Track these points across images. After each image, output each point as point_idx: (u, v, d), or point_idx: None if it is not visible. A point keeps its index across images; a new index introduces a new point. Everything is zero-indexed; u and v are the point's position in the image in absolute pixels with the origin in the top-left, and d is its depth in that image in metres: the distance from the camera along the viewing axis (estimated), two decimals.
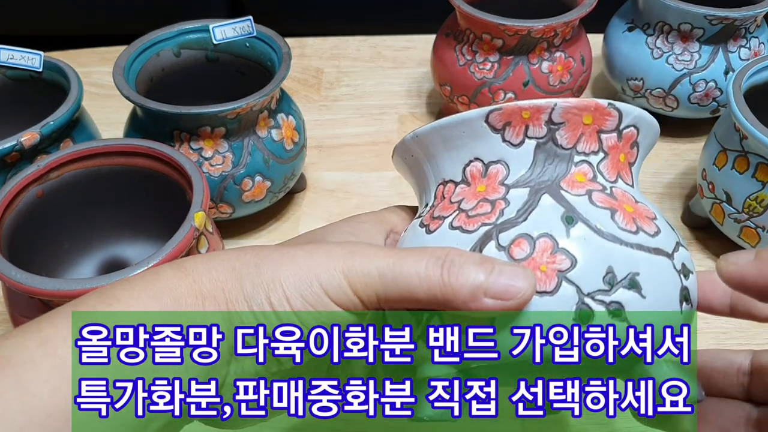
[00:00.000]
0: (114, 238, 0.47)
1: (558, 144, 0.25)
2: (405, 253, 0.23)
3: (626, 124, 0.26)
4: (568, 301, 0.22)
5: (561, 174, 0.25)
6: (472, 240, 0.24)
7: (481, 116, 0.25)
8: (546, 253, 0.23)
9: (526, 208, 0.24)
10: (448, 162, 0.27)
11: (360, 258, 0.23)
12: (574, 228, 0.23)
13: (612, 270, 0.23)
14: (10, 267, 0.34)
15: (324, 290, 0.23)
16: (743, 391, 0.27)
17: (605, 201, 0.25)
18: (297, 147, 0.52)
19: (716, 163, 0.48)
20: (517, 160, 0.25)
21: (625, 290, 0.23)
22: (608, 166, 0.26)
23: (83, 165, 0.42)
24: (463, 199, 0.26)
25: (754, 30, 0.57)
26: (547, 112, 0.25)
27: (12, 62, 0.50)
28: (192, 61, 0.53)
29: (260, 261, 0.23)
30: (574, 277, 0.23)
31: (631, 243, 0.24)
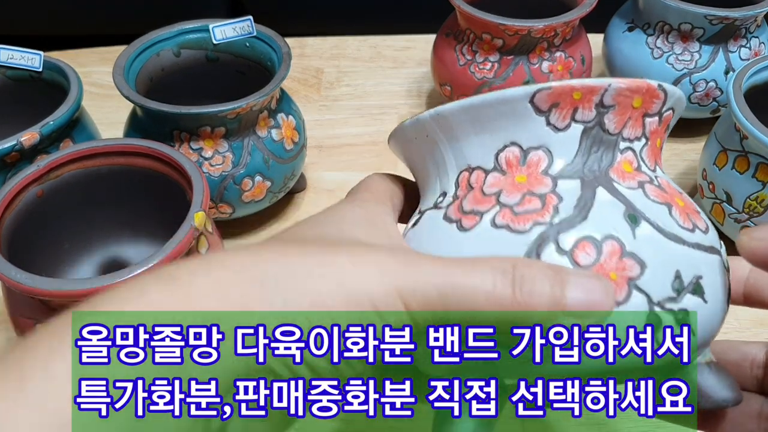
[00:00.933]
0: (114, 238, 0.47)
1: (605, 129, 0.23)
2: (465, 265, 0.20)
3: (668, 106, 0.24)
4: (639, 311, 0.21)
5: (608, 163, 0.23)
6: (526, 242, 0.21)
7: (526, 96, 0.22)
8: (615, 258, 0.21)
9: (582, 204, 0.22)
10: (476, 146, 0.24)
11: (415, 274, 0.20)
12: (639, 228, 0.21)
13: (679, 274, 0.21)
14: (10, 267, 0.34)
15: (378, 314, 0.20)
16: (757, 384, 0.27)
17: (659, 195, 0.23)
18: (297, 147, 0.52)
19: (716, 163, 0.48)
20: (560, 147, 0.23)
21: (690, 296, 0.21)
22: (648, 153, 0.24)
23: (83, 165, 0.42)
24: (502, 191, 0.23)
25: (754, 30, 0.57)
26: (599, 93, 0.22)
27: (12, 62, 0.50)
28: (192, 61, 0.53)
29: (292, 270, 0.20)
30: (644, 284, 0.21)
31: (692, 243, 0.22)
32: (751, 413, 0.26)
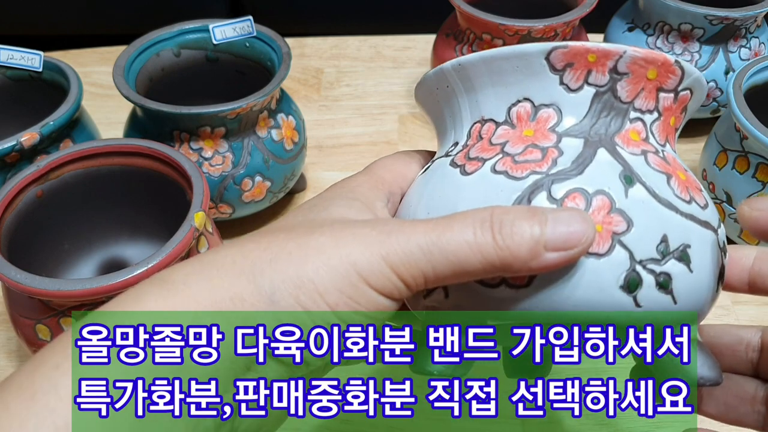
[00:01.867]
0: (114, 238, 0.47)
1: (617, 96, 0.23)
2: (445, 222, 0.21)
3: (685, 85, 0.24)
4: (620, 266, 0.21)
5: (615, 129, 0.23)
6: (520, 188, 0.22)
7: (543, 52, 0.23)
8: (602, 212, 0.21)
9: (581, 161, 0.22)
10: (491, 98, 0.24)
11: (397, 237, 0.20)
12: (633, 189, 0.22)
13: (666, 239, 0.22)
14: (10, 267, 0.34)
15: (364, 280, 0.20)
16: (751, 368, 0.27)
17: (661, 165, 0.23)
18: (297, 147, 0.52)
19: (716, 163, 0.48)
20: (571, 107, 0.23)
21: (675, 262, 0.22)
22: (660, 128, 0.24)
23: (83, 165, 0.42)
24: (508, 142, 0.24)
25: (754, 30, 0.57)
26: (614, 58, 0.23)
27: (12, 62, 0.50)
28: (192, 61, 0.53)
29: (275, 256, 0.21)
30: (629, 241, 0.21)
31: (686, 213, 0.22)
32: (745, 396, 0.26)
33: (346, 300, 0.20)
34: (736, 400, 0.26)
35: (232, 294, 0.20)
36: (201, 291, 0.20)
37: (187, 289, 0.20)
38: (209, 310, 0.20)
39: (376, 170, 0.27)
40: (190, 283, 0.20)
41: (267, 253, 0.21)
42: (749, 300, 0.33)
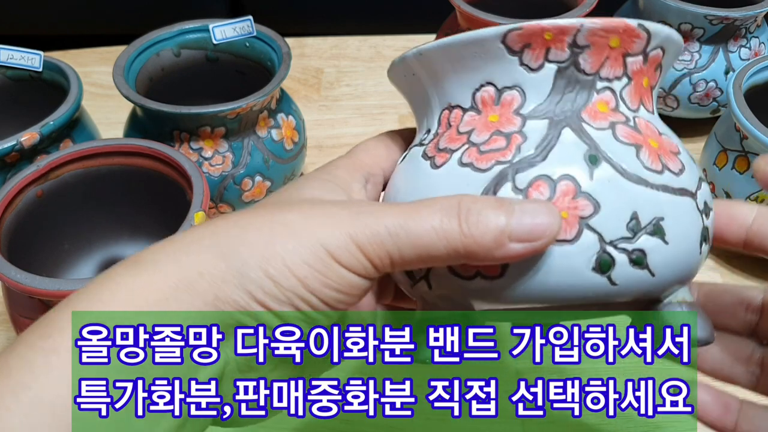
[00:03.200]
0: (114, 238, 0.47)
1: (580, 69, 0.23)
2: (414, 207, 0.21)
3: (653, 45, 0.23)
4: (589, 249, 0.21)
5: (582, 103, 0.23)
6: (485, 180, 0.22)
7: (498, 36, 0.23)
8: (567, 198, 0.21)
9: (545, 145, 0.22)
10: (455, 85, 0.24)
11: (366, 217, 0.21)
12: (598, 169, 0.22)
13: (636, 216, 0.21)
14: (10, 267, 0.34)
15: (331, 255, 0.20)
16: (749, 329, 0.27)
17: (630, 136, 0.23)
18: (297, 147, 0.52)
19: (716, 162, 0.48)
20: (534, 87, 0.23)
21: (648, 237, 0.22)
22: (631, 93, 0.24)
23: (83, 165, 0.42)
24: (474, 130, 0.24)
25: (754, 30, 0.57)
26: (571, 34, 0.22)
27: (12, 62, 0.50)
28: (192, 61, 0.53)
29: (243, 232, 0.21)
30: (597, 224, 0.21)
31: (657, 184, 0.22)
32: (741, 357, 0.27)
33: (315, 274, 0.20)
34: (731, 359, 0.27)
35: (200, 269, 0.20)
36: (169, 267, 0.20)
37: (155, 266, 0.20)
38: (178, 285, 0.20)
39: (356, 153, 0.27)
40: (158, 261, 0.20)
41: (235, 228, 0.21)
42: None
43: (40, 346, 0.19)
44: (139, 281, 0.20)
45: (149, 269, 0.20)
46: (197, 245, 0.21)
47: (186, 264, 0.20)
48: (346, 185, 0.25)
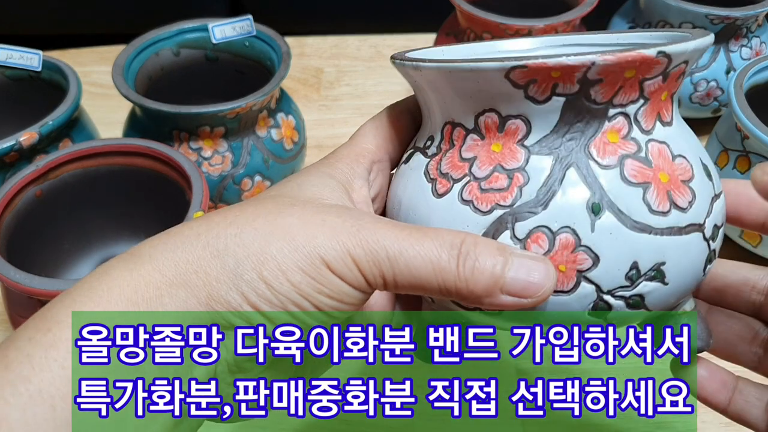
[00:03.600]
0: (113, 238, 0.47)
1: (591, 99, 0.21)
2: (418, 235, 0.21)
3: (674, 64, 0.22)
4: (586, 298, 0.21)
5: (591, 134, 0.22)
6: (485, 223, 0.22)
7: (501, 71, 0.21)
8: (567, 251, 0.21)
9: (547, 189, 0.21)
10: (458, 105, 0.23)
11: (366, 234, 0.21)
12: (600, 219, 0.21)
13: (636, 265, 0.21)
14: (9, 267, 0.34)
15: (326, 264, 0.20)
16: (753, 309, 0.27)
17: (639, 174, 0.22)
18: (297, 147, 0.52)
19: (717, 162, 0.48)
20: (540, 117, 0.22)
21: (647, 282, 0.21)
22: (647, 113, 0.22)
23: (82, 165, 0.42)
24: (476, 159, 0.23)
25: (755, 29, 0.57)
26: (581, 71, 0.20)
27: (11, 62, 0.50)
28: (191, 60, 0.53)
29: (240, 231, 0.21)
30: (595, 276, 0.21)
31: (661, 228, 0.21)
32: (746, 337, 0.27)
33: (309, 281, 0.20)
34: (736, 338, 0.27)
35: (196, 267, 0.20)
36: (166, 263, 0.20)
37: (152, 261, 0.20)
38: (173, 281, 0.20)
39: (360, 139, 0.26)
40: (155, 256, 0.20)
41: (233, 227, 0.21)
42: None
43: (39, 339, 0.19)
44: (135, 275, 0.20)
45: (145, 264, 0.20)
46: (194, 241, 0.21)
47: (182, 260, 0.20)
48: (347, 182, 0.24)
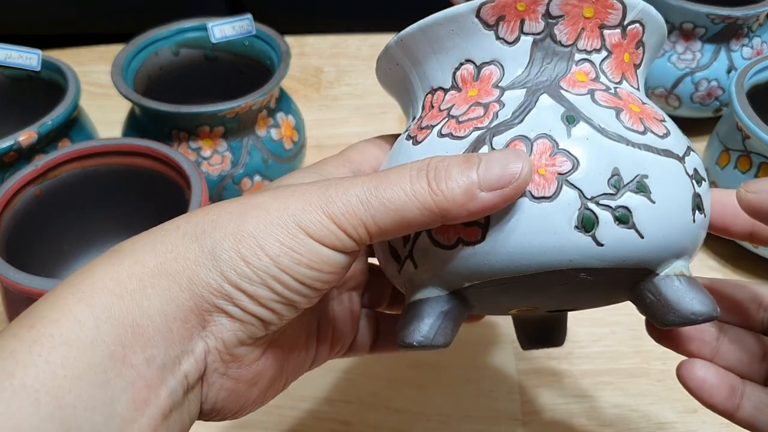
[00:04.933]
0: (112, 238, 0.47)
1: (557, 40, 0.23)
2: (383, 173, 0.21)
3: (630, 18, 0.24)
4: (570, 206, 0.21)
5: (560, 73, 0.23)
6: (463, 146, 0.22)
7: (472, 11, 0.23)
8: (545, 156, 0.21)
9: (522, 110, 0.22)
10: (436, 67, 0.25)
11: (335, 189, 0.21)
12: (576, 128, 0.22)
13: (618, 172, 0.21)
14: (8, 267, 0.34)
15: (304, 230, 0.20)
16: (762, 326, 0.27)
17: (609, 100, 0.23)
18: (296, 146, 0.51)
19: (719, 162, 0.48)
20: (512, 60, 0.23)
21: (632, 194, 0.21)
22: (612, 66, 0.24)
23: (81, 165, 0.42)
24: (453, 105, 0.24)
25: (756, 29, 0.57)
26: (544, 3, 0.23)
27: (10, 61, 0.50)
28: (191, 60, 0.53)
29: (216, 216, 0.21)
30: (576, 180, 0.21)
31: (639, 143, 0.22)
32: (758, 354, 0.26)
33: (287, 251, 0.20)
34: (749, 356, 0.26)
35: (175, 254, 0.21)
36: (146, 254, 0.21)
37: (133, 254, 0.21)
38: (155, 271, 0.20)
39: (348, 152, 0.27)
40: (136, 250, 0.21)
41: (209, 215, 0.22)
42: None
43: (23, 336, 0.19)
44: (117, 269, 0.20)
45: (127, 258, 0.21)
46: (173, 232, 0.21)
47: (161, 250, 0.21)
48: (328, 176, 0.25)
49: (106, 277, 0.20)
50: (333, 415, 0.40)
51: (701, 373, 0.25)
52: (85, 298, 0.20)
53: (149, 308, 0.20)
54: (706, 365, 0.26)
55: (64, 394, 0.18)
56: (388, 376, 0.42)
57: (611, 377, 0.29)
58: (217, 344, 0.21)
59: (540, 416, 0.40)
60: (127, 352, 0.19)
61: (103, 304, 0.20)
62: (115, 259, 0.21)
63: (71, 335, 0.19)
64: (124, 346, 0.19)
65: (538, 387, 0.42)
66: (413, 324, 0.23)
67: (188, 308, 0.20)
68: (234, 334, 0.21)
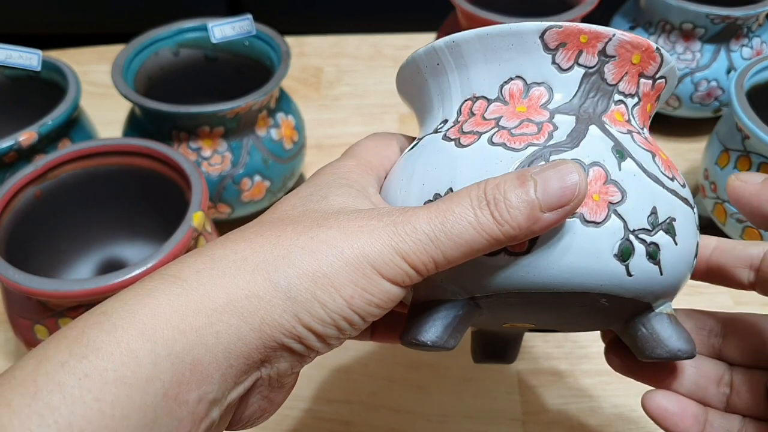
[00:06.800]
0: (112, 238, 0.47)
1: (604, 78, 0.25)
2: (445, 206, 0.21)
3: (662, 73, 0.25)
4: (615, 234, 0.22)
5: (602, 109, 0.25)
6: (519, 158, 0.23)
7: (537, 31, 0.24)
8: (599, 182, 0.22)
9: (575, 135, 0.23)
10: (484, 76, 0.25)
11: (404, 227, 0.21)
12: (625, 162, 0.23)
13: (656, 211, 0.23)
14: (8, 267, 0.34)
15: (377, 271, 0.20)
16: (713, 352, 0.28)
17: (645, 143, 0.25)
18: (296, 146, 0.51)
19: (718, 162, 0.48)
20: (562, 86, 0.24)
21: (663, 233, 0.23)
22: (639, 112, 0.26)
23: (81, 165, 0.42)
24: (502, 117, 0.24)
25: (756, 29, 0.57)
26: (604, 40, 0.24)
27: (10, 61, 0.50)
28: (191, 60, 0.53)
29: (286, 252, 0.20)
30: (623, 211, 0.22)
31: (670, 188, 0.24)
32: (714, 379, 0.27)
33: (361, 292, 0.20)
34: (706, 381, 0.27)
35: (247, 292, 0.20)
36: (215, 288, 0.20)
37: (200, 287, 0.20)
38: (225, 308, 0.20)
39: (362, 154, 0.27)
40: (201, 281, 0.20)
41: (278, 248, 0.21)
42: (752, 301, 0.33)
43: (73, 366, 0.18)
44: (182, 301, 0.19)
45: (193, 291, 0.20)
46: (241, 265, 0.20)
47: (230, 285, 0.20)
48: (363, 190, 0.25)
49: (169, 309, 0.19)
50: (333, 415, 0.40)
51: (663, 403, 0.26)
52: (146, 332, 0.19)
53: (215, 347, 0.19)
54: (667, 395, 0.26)
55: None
56: (388, 376, 0.42)
57: (611, 377, 0.29)
58: (271, 373, 0.21)
59: (540, 416, 0.40)
60: (182, 390, 0.19)
61: (165, 340, 0.19)
62: (178, 288, 0.20)
63: (126, 371, 0.18)
64: (180, 384, 0.18)
65: (538, 387, 0.42)
66: (427, 323, 0.24)
67: (255, 347, 0.20)
68: (290, 365, 0.21)
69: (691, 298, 0.47)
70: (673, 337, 0.24)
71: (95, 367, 0.18)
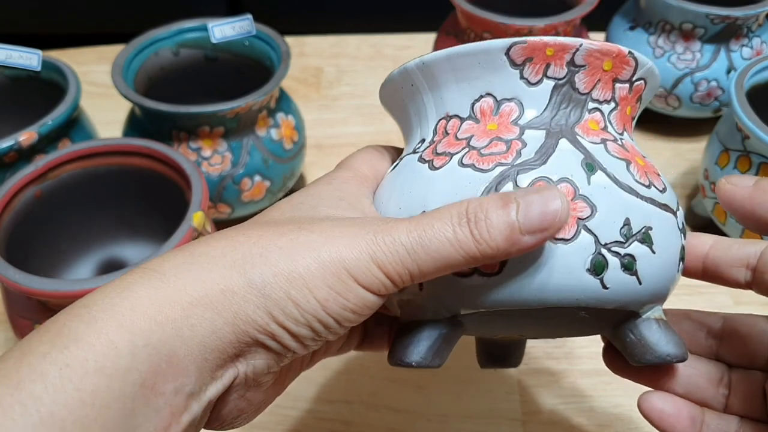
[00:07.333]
0: (112, 238, 0.47)
1: (575, 88, 0.24)
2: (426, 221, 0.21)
3: (639, 75, 0.25)
4: (586, 250, 0.22)
5: (575, 119, 0.24)
6: (487, 179, 0.23)
7: (502, 48, 0.24)
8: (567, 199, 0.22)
9: (544, 151, 0.23)
10: (455, 95, 0.25)
11: (383, 237, 0.21)
12: (595, 175, 0.23)
13: (629, 222, 0.23)
14: (8, 267, 0.34)
15: (353, 277, 0.21)
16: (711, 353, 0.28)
17: (620, 152, 0.24)
18: (296, 146, 0.51)
19: (718, 162, 0.48)
20: (532, 100, 0.24)
21: (638, 244, 0.23)
22: (617, 118, 0.25)
23: (81, 165, 0.42)
24: (473, 136, 0.24)
25: (756, 29, 0.57)
26: (571, 51, 0.24)
27: (10, 61, 0.50)
28: (191, 60, 0.53)
29: (264, 250, 0.21)
30: (593, 226, 0.22)
31: (645, 196, 0.23)
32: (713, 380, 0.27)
33: (335, 296, 0.21)
34: (705, 382, 0.27)
35: (222, 286, 0.20)
36: (192, 282, 0.20)
37: (178, 280, 0.20)
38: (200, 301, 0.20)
39: (357, 166, 0.27)
40: (180, 275, 0.20)
41: (257, 247, 0.21)
42: (752, 301, 0.33)
43: (55, 357, 0.18)
44: (160, 294, 0.20)
45: (170, 283, 0.20)
46: (219, 261, 0.21)
47: (207, 279, 0.20)
48: (357, 201, 0.25)
49: (147, 301, 0.20)
50: (333, 415, 0.40)
51: (659, 404, 0.26)
52: (125, 323, 0.19)
53: (190, 339, 0.20)
54: (664, 396, 0.26)
55: (90, 424, 0.18)
56: (388, 376, 0.42)
57: (611, 377, 0.29)
58: (247, 370, 0.22)
59: (540, 416, 0.40)
60: (158, 381, 0.19)
61: (143, 330, 0.19)
62: (157, 282, 0.20)
63: (106, 362, 0.18)
64: (156, 375, 0.19)
65: (538, 387, 0.42)
66: (411, 345, 0.24)
67: (228, 341, 0.20)
68: (266, 363, 0.22)
69: (690, 298, 0.47)
70: (661, 342, 0.24)
71: (76, 357, 0.18)
